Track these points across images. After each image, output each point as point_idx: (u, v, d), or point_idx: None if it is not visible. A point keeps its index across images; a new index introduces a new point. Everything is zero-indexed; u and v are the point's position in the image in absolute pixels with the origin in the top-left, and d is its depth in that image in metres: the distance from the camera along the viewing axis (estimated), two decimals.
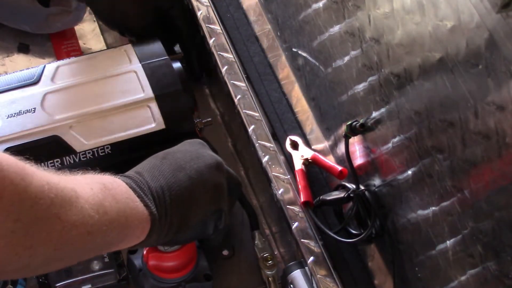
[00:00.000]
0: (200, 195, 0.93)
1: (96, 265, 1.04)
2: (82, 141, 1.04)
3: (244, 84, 1.13)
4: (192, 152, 0.95)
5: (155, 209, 0.87)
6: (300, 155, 1.07)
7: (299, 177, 1.05)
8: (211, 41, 1.17)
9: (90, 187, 0.80)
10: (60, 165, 1.03)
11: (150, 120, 1.06)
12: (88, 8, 1.28)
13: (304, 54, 1.09)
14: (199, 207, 0.93)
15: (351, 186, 0.99)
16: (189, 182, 0.91)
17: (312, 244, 1.00)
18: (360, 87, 0.94)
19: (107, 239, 0.82)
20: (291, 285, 1.02)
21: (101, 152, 1.04)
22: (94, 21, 1.33)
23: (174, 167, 0.92)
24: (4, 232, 0.70)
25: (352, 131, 0.96)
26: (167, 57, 1.11)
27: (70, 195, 0.76)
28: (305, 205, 1.03)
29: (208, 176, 0.94)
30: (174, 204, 0.89)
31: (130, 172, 0.90)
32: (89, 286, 1.03)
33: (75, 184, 0.78)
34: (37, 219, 0.72)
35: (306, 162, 1.06)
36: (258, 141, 1.09)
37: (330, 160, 1.05)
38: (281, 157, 1.08)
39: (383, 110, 0.90)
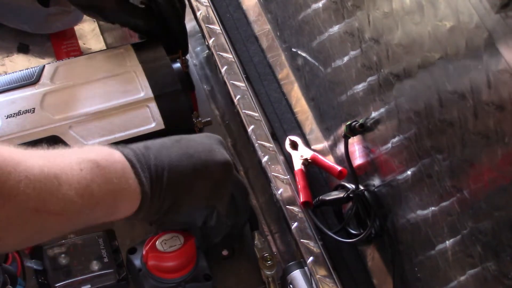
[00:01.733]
0: (198, 187, 0.92)
1: (95, 265, 1.04)
2: (81, 141, 1.04)
3: (243, 84, 1.13)
4: (206, 145, 0.94)
5: (149, 187, 0.86)
6: (299, 155, 1.07)
7: (298, 177, 1.05)
8: (210, 41, 1.17)
9: (80, 168, 0.79)
10: None
11: (150, 120, 1.06)
12: None
13: (304, 54, 1.09)
14: (193, 197, 0.92)
15: (351, 186, 0.99)
16: (192, 171, 0.91)
17: (311, 244, 1.00)
18: (360, 87, 0.94)
19: (89, 218, 0.82)
20: (291, 285, 1.02)
21: None
22: (94, 21, 1.33)
23: (183, 152, 0.91)
24: None
25: (352, 131, 0.96)
26: (167, 57, 1.11)
27: (50, 184, 0.75)
28: (305, 205, 1.03)
29: (212, 171, 0.93)
30: (170, 187, 0.89)
31: (139, 145, 0.89)
32: (89, 286, 1.03)
33: (62, 167, 0.78)
34: (9, 215, 0.73)
35: (306, 162, 1.06)
36: (258, 141, 1.09)
37: (329, 160, 1.05)
38: (281, 157, 1.08)
39: (382, 110, 0.90)
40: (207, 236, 1.02)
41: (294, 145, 1.08)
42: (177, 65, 1.11)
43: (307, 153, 1.06)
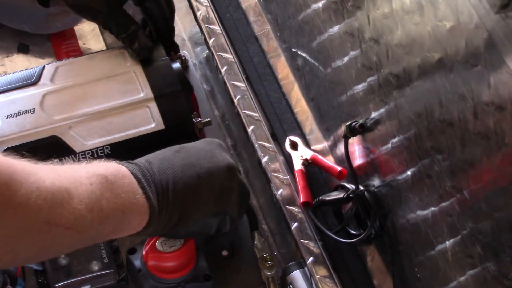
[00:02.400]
0: (205, 195, 0.92)
1: (95, 266, 1.04)
2: (81, 142, 1.04)
3: (243, 85, 1.13)
4: (207, 151, 0.94)
5: (156, 202, 0.87)
6: (299, 156, 1.07)
7: (298, 178, 1.05)
8: (210, 41, 1.17)
9: (89, 182, 0.80)
10: None
11: (150, 121, 1.06)
12: None
13: (304, 55, 1.09)
14: (202, 206, 0.92)
15: (351, 186, 0.99)
16: (196, 180, 0.91)
17: (311, 244, 1.00)
18: (360, 87, 0.94)
19: (99, 233, 0.82)
20: (291, 286, 1.02)
21: (101, 153, 1.04)
22: None
23: (185, 162, 0.91)
24: None
25: (352, 131, 0.96)
26: (167, 57, 1.11)
27: (61, 197, 0.75)
28: (305, 205, 1.03)
29: (217, 177, 0.93)
30: (177, 199, 0.89)
31: (141, 160, 0.90)
32: (89, 286, 1.03)
33: (72, 181, 0.78)
34: (21, 226, 0.72)
35: (306, 163, 1.06)
36: (258, 142, 1.09)
37: (329, 161, 1.05)
38: (281, 158, 1.08)
39: (382, 110, 0.90)
40: (215, 240, 1.02)
41: (294, 145, 1.08)
42: (177, 65, 1.11)
43: (307, 153, 1.06)
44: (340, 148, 1.01)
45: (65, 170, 0.80)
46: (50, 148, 1.03)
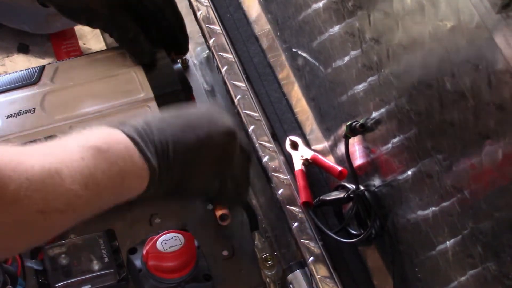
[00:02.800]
0: (205, 158, 0.90)
1: (95, 265, 1.04)
2: None
3: (244, 84, 1.13)
4: (207, 115, 0.93)
5: (156, 163, 0.84)
6: (300, 155, 1.07)
7: (298, 178, 1.04)
8: (211, 41, 1.17)
9: (81, 157, 0.77)
10: None
11: None
12: None
13: (304, 54, 1.09)
14: (202, 168, 0.91)
15: (351, 186, 0.99)
16: (196, 142, 0.89)
17: (312, 244, 1.00)
18: (360, 87, 0.94)
19: (98, 206, 0.81)
20: (291, 286, 1.02)
21: None
22: None
23: (185, 124, 0.90)
24: None
25: (352, 131, 0.96)
26: (167, 57, 1.11)
27: (53, 182, 0.74)
28: (305, 205, 1.02)
29: (217, 140, 0.91)
30: (177, 160, 0.87)
31: (138, 120, 0.87)
32: (89, 286, 1.03)
33: (62, 160, 0.76)
34: (15, 222, 0.72)
35: (306, 163, 1.06)
36: (258, 141, 1.09)
37: (330, 161, 1.05)
38: (281, 157, 1.08)
39: (383, 110, 0.90)
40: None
41: (294, 145, 1.08)
42: (178, 65, 1.11)
43: (308, 153, 1.06)
44: (341, 148, 1.01)
45: (54, 149, 0.78)
46: None
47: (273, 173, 1.06)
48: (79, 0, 1.04)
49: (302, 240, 1.01)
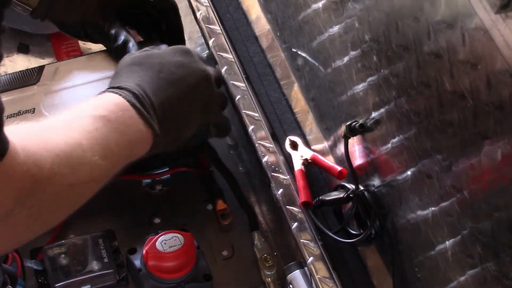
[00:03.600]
0: (191, 111, 0.96)
1: (95, 266, 1.04)
2: None
3: (243, 84, 1.13)
4: (186, 66, 0.98)
5: (157, 126, 0.89)
6: (299, 156, 1.07)
7: (298, 178, 1.04)
8: (210, 41, 1.17)
9: (95, 127, 0.82)
10: None
11: None
12: None
13: (304, 55, 1.09)
14: (192, 118, 0.97)
15: (351, 186, 0.99)
16: (183, 97, 0.95)
17: (311, 244, 1.00)
18: (360, 87, 0.94)
19: (112, 174, 0.85)
20: (291, 286, 1.02)
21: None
22: None
23: (170, 82, 0.94)
24: (22, 219, 0.72)
25: (352, 131, 0.96)
26: None
27: (77, 155, 0.78)
28: (305, 205, 1.02)
29: (199, 91, 0.97)
30: (171, 118, 0.92)
31: (131, 85, 0.91)
32: (89, 286, 1.03)
33: (81, 132, 0.80)
34: (51, 197, 0.75)
35: (306, 163, 1.06)
36: (258, 141, 1.09)
37: (329, 161, 1.04)
38: (281, 158, 1.08)
39: (382, 110, 0.90)
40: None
41: (294, 145, 1.08)
42: None
43: (307, 153, 1.06)
44: (340, 148, 1.01)
45: (71, 121, 0.82)
46: None
47: (272, 173, 1.06)
48: (74, 15, 1.05)
49: (301, 240, 1.00)
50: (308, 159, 1.06)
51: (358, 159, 0.98)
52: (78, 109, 0.86)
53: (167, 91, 0.93)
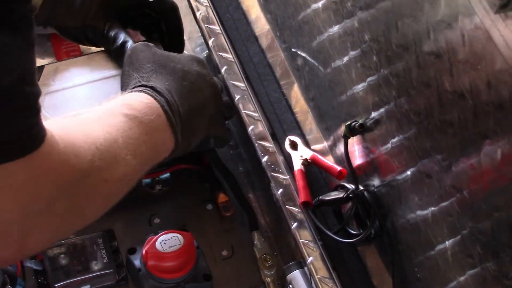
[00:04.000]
0: (202, 120, 0.98)
1: (95, 266, 1.04)
2: None
3: (243, 84, 1.13)
4: (203, 78, 1.00)
5: (180, 134, 0.91)
6: (299, 155, 1.07)
7: (298, 177, 1.04)
8: (210, 41, 1.17)
9: (129, 127, 0.83)
10: None
11: None
12: None
13: (304, 54, 1.09)
14: (201, 130, 0.99)
15: (350, 186, 0.99)
16: (199, 108, 0.96)
17: (311, 244, 1.00)
18: (359, 87, 0.94)
19: (141, 174, 0.86)
20: (290, 285, 1.02)
21: None
22: None
23: (191, 91, 0.96)
24: (61, 210, 0.72)
25: (351, 131, 0.96)
26: None
27: (114, 152, 0.79)
28: (304, 205, 1.02)
29: (211, 103, 1.00)
30: (188, 128, 0.94)
31: (164, 90, 0.92)
32: (88, 286, 1.03)
33: (117, 129, 0.81)
34: (88, 190, 0.75)
35: (305, 162, 1.06)
36: (258, 141, 1.09)
37: (329, 160, 1.04)
38: (281, 157, 1.08)
39: (382, 110, 0.90)
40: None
41: (294, 145, 1.08)
42: None
43: (307, 153, 1.06)
44: (340, 148, 1.01)
45: (106, 118, 0.83)
46: None
47: (272, 173, 1.06)
48: (75, 19, 1.05)
49: (301, 240, 1.00)
50: (308, 159, 1.06)
51: (357, 159, 0.98)
52: (111, 105, 0.86)
53: (189, 100, 0.95)
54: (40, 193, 0.69)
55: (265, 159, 1.07)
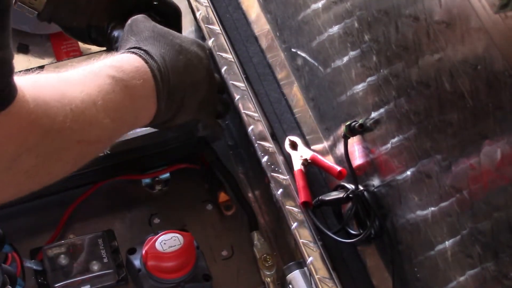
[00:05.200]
0: (192, 100, 0.96)
1: (95, 266, 1.04)
2: None
3: (243, 84, 1.13)
4: (201, 59, 0.98)
5: (164, 105, 0.90)
6: (299, 156, 1.07)
7: (298, 178, 1.04)
8: (210, 41, 1.17)
9: (113, 89, 0.83)
10: None
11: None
12: None
13: (303, 55, 1.09)
14: (188, 109, 0.97)
15: (350, 186, 0.99)
16: (191, 86, 0.95)
17: (311, 244, 1.00)
18: (359, 87, 0.94)
19: (117, 138, 0.87)
20: (290, 285, 1.02)
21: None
22: None
23: (185, 67, 0.95)
24: (27, 167, 0.73)
25: (351, 131, 0.96)
26: None
27: (90, 114, 0.79)
28: (304, 205, 1.02)
29: (205, 85, 0.98)
30: (174, 102, 0.93)
31: (158, 57, 0.91)
32: (88, 286, 1.03)
33: (99, 91, 0.81)
34: (57, 149, 0.76)
35: (305, 163, 1.06)
36: (258, 141, 1.09)
37: (329, 161, 1.04)
38: (280, 158, 1.08)
39: (382, 110, 0.90)
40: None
41: (294, 145, 1.08)
42: None
43: (307, 153, 1.06)
44: (340, 148, 1.01)
45: (89, 78, 0.82)
46: None
47: (272, 173, 1.06)
48: (80, 19, 1.05)
49: (301, 240, 1.00)
50: (308, 159, 1.06)
51: (357, 159, 0.98)
52: (99, 65, 0.86)
53: (181, 74, 0.94)
54: (5, 150, 0.71)
55: (265, 159, 1.07)
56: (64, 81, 0.80)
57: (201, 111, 0.99)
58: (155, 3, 1.08)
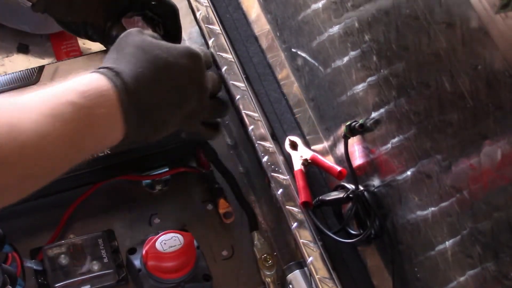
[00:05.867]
0: (177, 117, 0.92)
1: (95, 266, 1.04)
2: None
3: (243, 84, 1.13)
4: (190, 73, 0.93)
5: (136, 125, 0.85)
6: (299, 156, 1.07)
7: (298, 178, 1.04)
8: (210, 42, 1.17)
9: (72, 118, 0.78)
10: None
11: None
12: None
13: (304, 55, 1.09)
14: (171, 126, 0.92)
15: (350, 186, 0.99)
16: (174, 105, 0.90)
17: (311, 244, 1.00)
18: (359, 87, 0.94)
19: (73, 166, 0.81)
20: (290, 286, 1.02)
21: (100, 153, 1.04)
22: None
23: (169, 84, 0.90)
24: None
25: (351, 131, 0.96)
26: None
27: (43, 149, 0.75)
28: (304, 205, 1.02)
29: (191, 102, 0.93)
30: (153, 122, 0.89)
31: (131, 77, 0.86)
32: (88, 286, 1.03)
33: (53, 122, 0.76)
34: (8, 183, 0.73)
35: (306, 163, 1.06)
36: (258, 142, 1.09)
37: (329, 161, 1.04)
38: (281, 158, 1.08)
39: (382, 110, 0.90)
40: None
41: (294, 146, 1.08)
42: None
43: (307, 154, 1.06)
44: (340, 148, 1.01)
45: (50, 104, 0.78)
46: None
47: (272, 173, 1.06)
48: (75, 15, 1.05)
49: (301, 240, 1.00)
50: (308, 159, 1.06)
51: (358, 159, 0.98)
52: (62, 89, 0.81)
53: (162, 93, 0.89)
54: None
55: (265, 159, 1.07)
56: (17, 109, 0.76)
57: (185, 123, 0.95)
58: (153, 3, 1.08)
